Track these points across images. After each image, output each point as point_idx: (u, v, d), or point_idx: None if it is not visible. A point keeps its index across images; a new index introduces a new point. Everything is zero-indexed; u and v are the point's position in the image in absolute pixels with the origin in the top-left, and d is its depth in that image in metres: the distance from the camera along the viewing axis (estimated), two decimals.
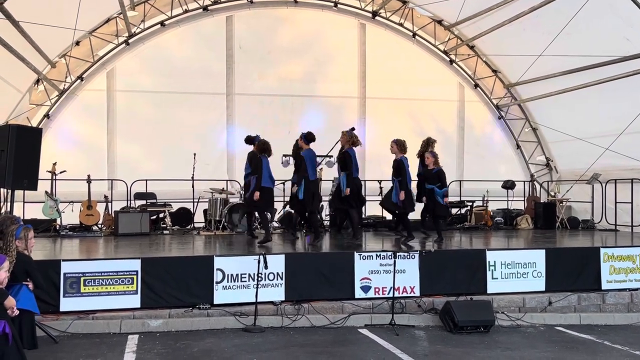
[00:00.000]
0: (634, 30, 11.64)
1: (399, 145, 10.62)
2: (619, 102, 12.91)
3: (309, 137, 10.53)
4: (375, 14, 15.85)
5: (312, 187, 10.33)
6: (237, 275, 8.11)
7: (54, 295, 7.51)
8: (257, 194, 9.98)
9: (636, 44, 11.76)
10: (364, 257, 8.59)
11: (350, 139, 10.94)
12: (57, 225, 12.19)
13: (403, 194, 10.31)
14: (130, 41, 14.31)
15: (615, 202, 13.94)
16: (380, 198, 13.53)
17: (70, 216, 12.50)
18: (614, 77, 12.48)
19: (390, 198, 10.70)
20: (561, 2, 12.21)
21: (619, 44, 12.07)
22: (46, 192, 11.98)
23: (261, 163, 10.10)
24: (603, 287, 9.26)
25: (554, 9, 12.54)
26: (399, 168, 10.45)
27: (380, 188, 13.57)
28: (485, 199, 14.71)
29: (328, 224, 13.56)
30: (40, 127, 13.11)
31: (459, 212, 15.02)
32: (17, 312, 4.95)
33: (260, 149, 10.41)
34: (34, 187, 9.02)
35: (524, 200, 15.85)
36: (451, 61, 16.44)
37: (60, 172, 12.32)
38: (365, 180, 14.32)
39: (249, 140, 11.64)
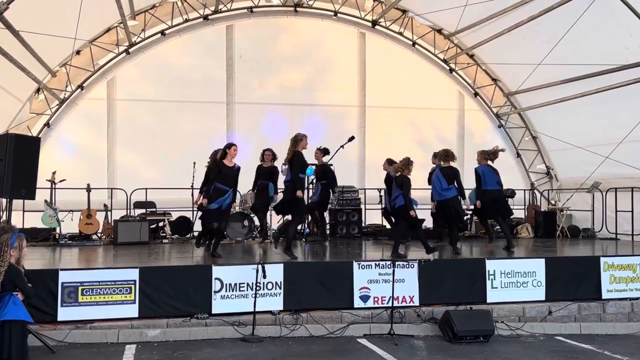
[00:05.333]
0: (633, 39, 11.64)
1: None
2: (619, 110, 12.88)
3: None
4: (375, 23, 15.88)
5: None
6: (235, 284, 8.09)
7: (52, 305, 7.50)
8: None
9: (636, 53, 11.75)
10: (363, 267, 8.57)
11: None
12: (57, 234, 12.18)
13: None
14: (130, 50, 14.34)
15: (616, 211, 13.90)
16: (380, 206, 13.57)
17: (70, 225, 12.48)
18: (613, 85, 12.47)
19: None
20: (560, 11, 12.23)
21: (618, 53, 12.07)
22: (45, 200, 11.98)
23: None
24: (603, 297, 9.22)
25: (554, 18, 12.55)
26: None
27: (380, 197, 13.55)
28: None
29: (328, 232, 13.55)
30: (40, 136, 13.13)
31: None
32: None
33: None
34: (32, 196, 9.01)
35: (524, 209, 15.80)
36: (451, 70, 16.46)
37: (60, 181, 12.32)
38: (365, 189, 14.39)
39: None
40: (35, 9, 10.77)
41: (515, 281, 9.02)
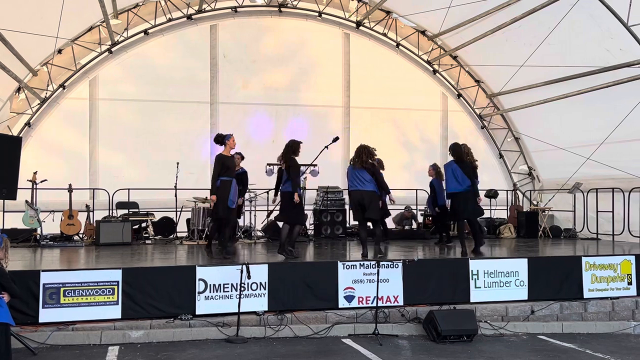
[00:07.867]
0: (614, 42, 11.79)
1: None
2: (600, 112, 13.06)
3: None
4: (359, 24, 15.92)
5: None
6: (219, 285, 8.04)
7: (33, 306, 7.40)
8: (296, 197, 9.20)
9: (616, 55, 11.91)
10: (348, 267, 8.57)
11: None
12: (38, 235, 12.01)
13: None
14: (113, 49, 14.24)
15: (597, 211, 14.08)
16: None
17: (51, 226, 12.34)
18: (594, 87, 12.62)
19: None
20: (542, 13, 12.37)
21: (599, 55, 12.22)
22: (26, 201, 11.82)
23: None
24: (585, 296, 9.31)
25: (536, 20, 12.69)
26: None
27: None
28: None
29: (312, 232, 13.57)
30: (21, 135, 12.98)
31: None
32: None
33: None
34: (13, 196, 8.90)
35: (507, 209, 15.94)
36: (434, 71, 16.55)
37: (41, 181, 12.16)
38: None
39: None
40: (16, 7, 10.66)
41: (498, 281, 9.09)
